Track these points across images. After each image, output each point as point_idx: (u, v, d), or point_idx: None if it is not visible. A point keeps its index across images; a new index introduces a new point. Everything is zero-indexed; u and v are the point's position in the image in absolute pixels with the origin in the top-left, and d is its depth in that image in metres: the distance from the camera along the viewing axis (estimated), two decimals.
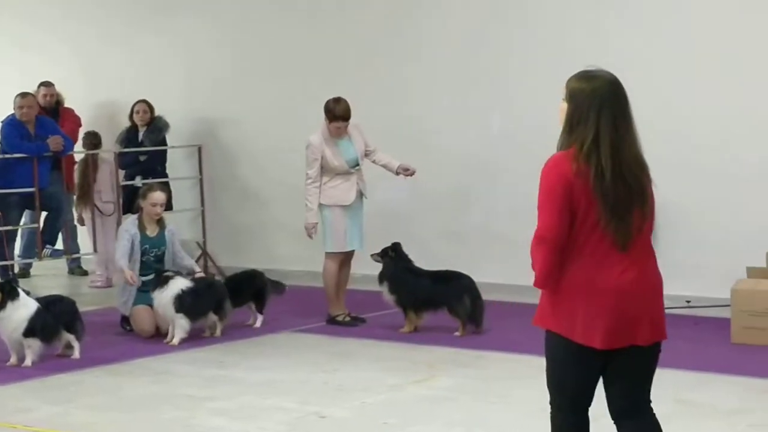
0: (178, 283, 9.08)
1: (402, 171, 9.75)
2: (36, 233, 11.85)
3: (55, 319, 8.46)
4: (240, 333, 9.46)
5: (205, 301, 9.22)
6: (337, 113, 9.46)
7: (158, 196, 9.41)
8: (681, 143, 9.82)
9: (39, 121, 11.62)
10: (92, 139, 12.36)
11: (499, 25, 10.96)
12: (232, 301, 9.48)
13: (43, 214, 11.78)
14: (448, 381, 7.74)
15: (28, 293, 8.66)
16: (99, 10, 13.70)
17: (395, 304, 9.40)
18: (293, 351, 8.84)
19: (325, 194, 9.54)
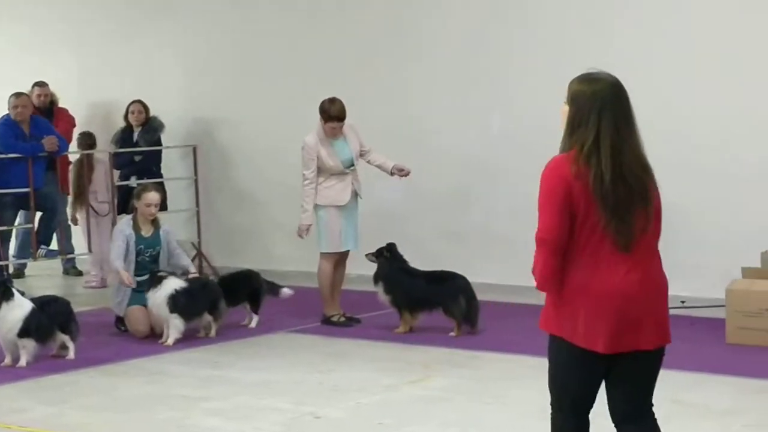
0: (172, 283, 9.07)
1: (396, 171, 9.74)
2: (31, 233, 11.84)
3: (49, 319, 8.45)
4: (235, 333, 9.45)
5: (200, 302, 9.21)
6: (332, 114, 9.46)
7: (152, 196, 9.40)
8: (678, 143, 9.82)
9: (34, 121, 11.60)
10: (87, 140, 12.36)
11: (498, 25, 10.96)
12: (227, 300, 9.48)
13: (38, 214, 11.77)
14: (443, 381, 7.74)
15: (23, 294, 8.65)
16: (94, 11, 13.70)
17: (390, 305, 9.39)
18: (288, 351, 8.84)
19: (320, 194, 9.54)
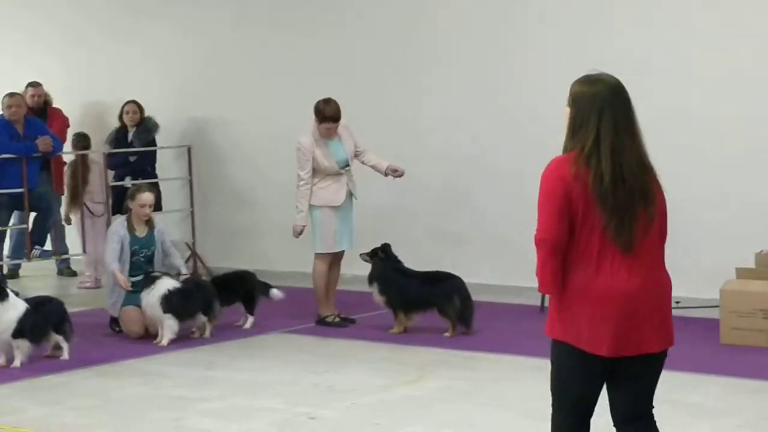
0: (165, 284, 9.06)
1: (391, 172, 9.73)
2: (25, 234, 11.82)
3: (43, 320, 8.44)
4: (229, 334, 9.44)
5: (194, 302, 9.20)
6: (327, 114, 9.45)
7: (146, 197, 9.38)
8: (671, 144, 9.82)
9: (27, 121, 11.59)
10: (82, 141, 12.34)
11: (495, 25, 10.94)
12: (221, 301, 9.47)
13: (32, 214, 11.76)
14: (438, 382, 7.73)
15: (17, 294, 8.64)
16: (88, 11, 13.69)
17: (385, 305, 9.39)
18: (283, 352, 8.83)
19: (314, 195, 9.53)
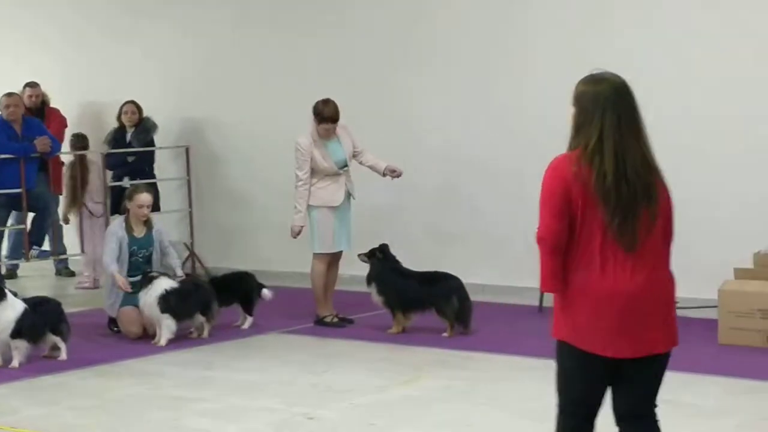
0: (163, 284, 9.06)
1: (389, 172, 9.73)
2: (23, 234, 11.82)
3: (41, 320, 8.43)
4: (227, 334, 9.43)
5: (191, 302, 9.19)
6: (325, 115, 9.45)
7: (144, 197, 9.38)
8: (673, 144, 9.81)
9: (26, 121, 11.58)
10: (80, 142, 12.33)
11: (489, 26, 10.94)
12: (220, 301, 9.46)
13: (30, 215, 11.75)
14: (436, 382, 7.73)
15: (15, 294, 8.64)
16: (87, 11, 13.68)
17: (383, 305, 9.38)
18: (281, 352, 8.83)
19: (313, 195, 9.53)
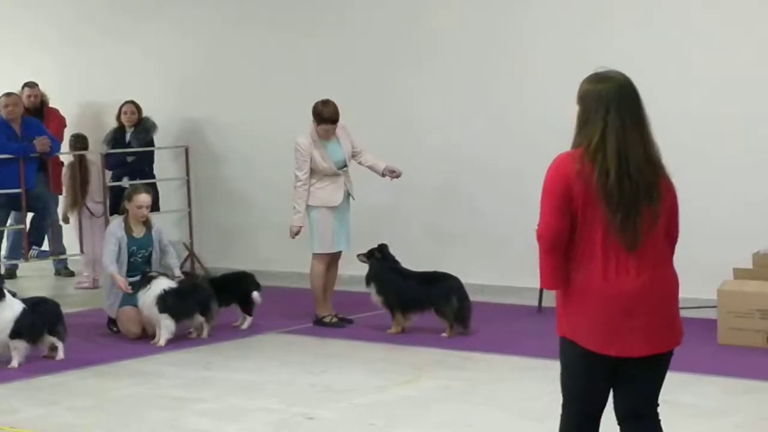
0: (161, 284, 9.06)
1: (388, 173, 9.72)
2: (22, 234, 11.82)
3: (39, 320, 8.43)
4: (227, 334, 9.43)
5: (190, 302, 9.19)
6: (325, 116, 9.44)
7: (143, 198, 9.37)
8: (673, 144, 9.79)
9: (25, 122, 11.59)
10: (80, 142, 12.32)
11: (489, 26, 10.93)
12: (219, 301, 9.46)
13: (29, 215, 11.75)
14: (435, 382, 7.73)
15: (14, 294, 8.64)
16: (86, 11, 13.68)
17: (382, 305, 9.38)
18: (280, 352, 8.83)
19: (312, 195, 9.53)
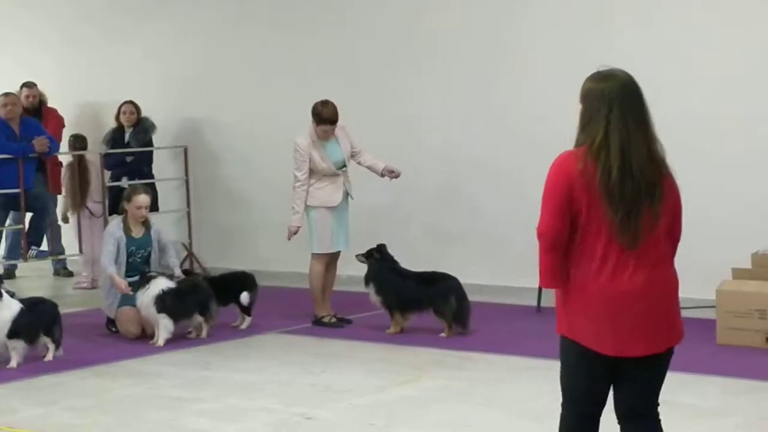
0: (160, 284, 9.06)
1: (387, 173, 9.71)
2: (21, 234, 11.82)
3: (36, 320, 8.42)
4: (226, 334, 9.43)
5: (189, 302, 9.19)
6: (324, 116, 9.44)
7: (143, 199, 9.36)
8: (673, 144, 9.77)
9: (23, 121, 11.59)
10: (79, 142, 12.32)
11: (489, 26, 10.93)
12: (219, 301, 9.45)
13: (28, 215, 11.74)
14: (434, 382, 7.73)
15: (12, 294, 8.63)
16: (85, 11, 13.69)
17: (381, 306, 9.38)
18: (279, 352, 8.83)
19: (311, 195, 9.53)
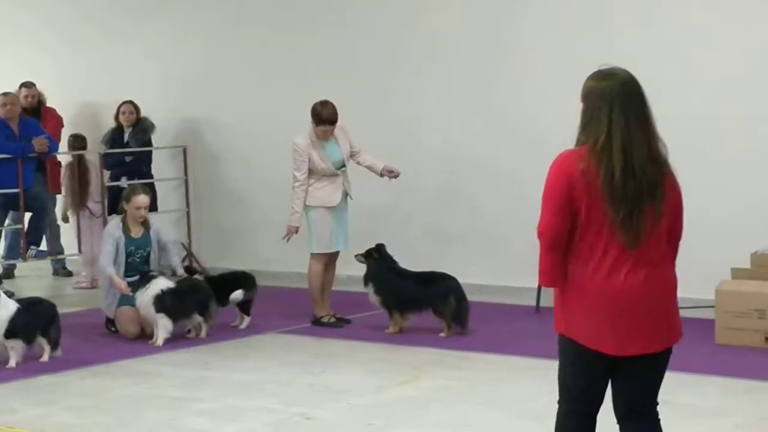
0: (159, 284, 9.06)
1: (386, 173, 9.71)
2: (20, 234, 11.82)
3: (34, 320, 8.42)
4: (225, 334, 9.43)
5: (188, 302, 9.18)
6: (323, 117, 9.44)
7: (142, 199, 9.35)
8: (673, 144, 9.77)
9: (22, 121, 11.59)
10: (78, 142, 12.32)
11: (489, 26, 10.93)
12: (218, 301, 9.45)
13: (27, 215, 11.74)
14: (434, 382, 7.73)
15: (10, 294, 8.63)
16: (84, 11, 13.68)
17: (380, 306, 9.38)
18: (278, 352, 8.83)
19: (310, 195, 9.53)
